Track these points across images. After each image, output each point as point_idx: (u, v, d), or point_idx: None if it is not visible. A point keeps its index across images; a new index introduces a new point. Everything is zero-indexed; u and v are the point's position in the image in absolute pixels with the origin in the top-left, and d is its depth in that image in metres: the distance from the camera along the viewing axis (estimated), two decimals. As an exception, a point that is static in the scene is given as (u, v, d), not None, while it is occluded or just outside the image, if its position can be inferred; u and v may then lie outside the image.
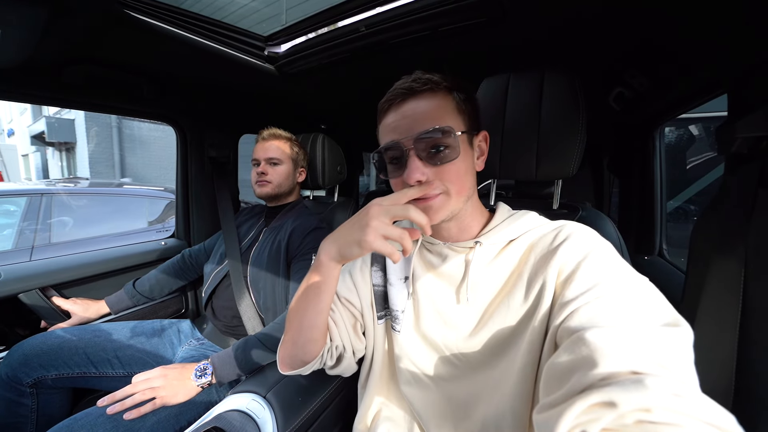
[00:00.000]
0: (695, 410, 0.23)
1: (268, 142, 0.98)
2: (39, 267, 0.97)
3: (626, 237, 0.58)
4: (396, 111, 0.45)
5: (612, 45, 0.73)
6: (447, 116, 0.44)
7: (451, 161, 0.43)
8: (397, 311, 0.54)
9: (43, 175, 10.11)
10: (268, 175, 0.96)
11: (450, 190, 0.44)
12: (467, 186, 0.46)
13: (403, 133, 0.43)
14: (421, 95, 0.44)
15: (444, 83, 0.44)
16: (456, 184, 0.44)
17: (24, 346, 0.77)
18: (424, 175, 0.42)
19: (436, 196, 0.44)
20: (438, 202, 0.44)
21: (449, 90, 0.45)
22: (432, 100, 0.44)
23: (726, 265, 0.49)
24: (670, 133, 2.84)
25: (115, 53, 0.80)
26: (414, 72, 0.46)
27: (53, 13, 0.58)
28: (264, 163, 0.96)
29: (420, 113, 0.43)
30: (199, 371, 0.68)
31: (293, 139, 1.03)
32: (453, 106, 0.44)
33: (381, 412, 0.57)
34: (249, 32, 0.88)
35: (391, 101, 0.45)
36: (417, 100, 0.44)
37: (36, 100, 0.91)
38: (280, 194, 0.99)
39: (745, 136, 0.49)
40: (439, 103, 0.44)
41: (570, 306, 0.35)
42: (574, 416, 0.26)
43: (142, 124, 8.19)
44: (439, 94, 0.44)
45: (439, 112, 0.43)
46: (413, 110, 0.43)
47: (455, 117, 0.44)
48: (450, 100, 0.44)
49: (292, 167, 1.01)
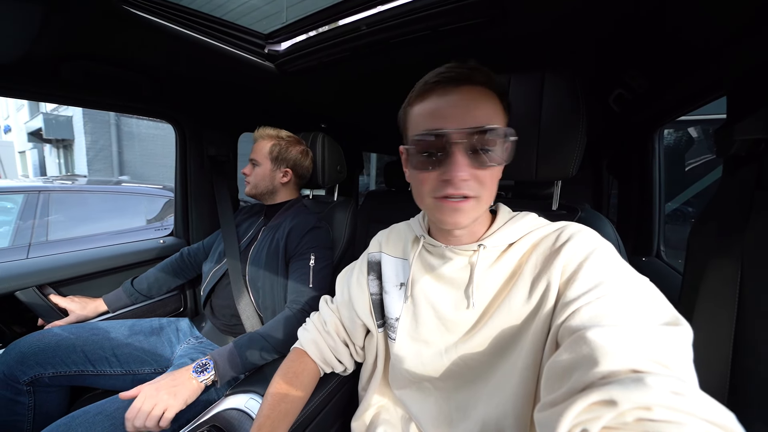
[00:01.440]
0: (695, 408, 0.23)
1: (256, 142, 1.00)
2: (36, 264, 0.97)
3: (624, 238, 0.58)
4: (444, 96, 0.39)
5: (612, 47, 0.73)
6: (501, 118, 0.40)
7: (495, 166, 0.39)
8: (391, 319, 0.54)
9: (41, 172, 10.05)
10: (249, 175, 0.98)
11: (483, 196, 0.40)
12: (495, 194, 0.43)
13: (454, 123, 0.38)
14: (478, 86, 0.39)
15: (500, 84, 0.40)
16: (490, 190, 0.41)
17: (21, 344, 0.76)
18: (469, 174, 0.38)
19: (470, 199, 0.40)
20: (469, 205, 0.40)
21: (501, 92, 0.41)
22: (487, 95, 0.39)
23: (723, 267, 0.50)
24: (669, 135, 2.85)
25: (114, 50, 0.79)
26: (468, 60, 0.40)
27: (50, 8, 0.58)
28: (250, 164, 0.99)
29: (476, 107, 0.38)
30: (198, 367, 0.67)
31: (279, 136, 0.98)
32: (500, 107, 0.41)
33: (380, 415, 0.57)
34: (249, 30, 0.88)
35: (439, 82, 0.39)
36: (472, 90, 0.38)
37: (33, 97, 0.90)
38: (257, 194, 1.00)
39: (744, 139, 0.49)
40: (494, 100, 0.40)
41: (572, 305, 0.35)
42: (574, 414, 0.26)
43: (140, 121, 8.14)
44: (493, 92, 0.40)
45: (496, 111, 0.39)
46: (469, 100, 0.38)
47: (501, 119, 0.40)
48: (497, 100, 0.40)
49: (271, 167, 0.96)
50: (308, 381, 0.59)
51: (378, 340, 0.58)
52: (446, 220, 0.41)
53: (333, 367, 0.62)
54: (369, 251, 0.62)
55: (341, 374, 0.65)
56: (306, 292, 0.82)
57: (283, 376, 0.57)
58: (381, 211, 1.37)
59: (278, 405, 0.53)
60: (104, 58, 0.82)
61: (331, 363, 0.61)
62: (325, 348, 0.61)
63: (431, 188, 0.41)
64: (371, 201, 1.47)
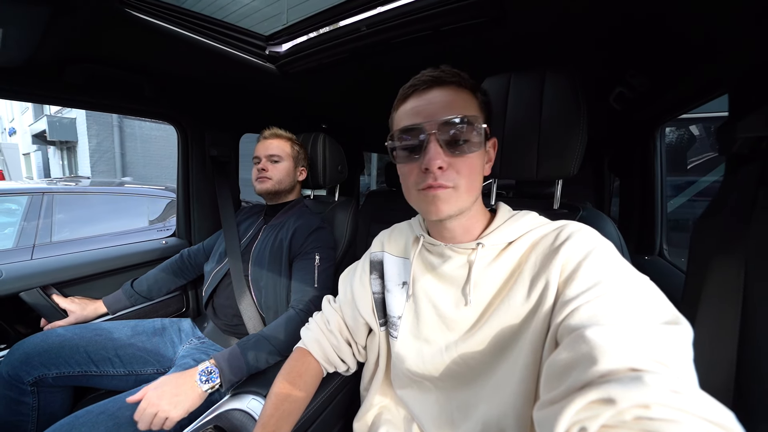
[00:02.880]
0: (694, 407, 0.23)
1: (269, 140, 0.99)
2: (40, 266, 0.98)
3: (627, 237, 0.58)
4: (420, 97, 0.44)
5: (613, 45, 0.73)
6: (473, 110, 0.44)
7: (471, 153, 0.43)
8: (393, 318, 0.54)
9: (45, 174, 10.13)
10: (269, 171, 0.96)
11: (460, 185, 0.43)
12: (476, 185, 0.45)
13: (427, 117, 0.42)
14: (448, 86, 0.44)
15: (469, 81, 0.45)
16: (468, 179, 0.43)
17: (25, 345, 0.77)
18: (444, 163, 0.41)
19: (448, 187, 0.43)
20: (447, 194, 0.43)
21: (474, 89, 0.45)
22: (458, 92, 0.44)
23: (726, 265, 0.49)
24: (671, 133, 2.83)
25: (117, 52, 0.80)
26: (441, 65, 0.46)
27: (54, 12, 0.58)
28: (264, 160, 0.97)
29: (447, 101, 0.43)
30: (204, 374, 0.64)
31: (294, 139, 1.04)
32: (477, 103, 0.45)
33: (381, 415, 0.57)
34: (250, 32, 0.88)
35: (416, 87, 0.45)
36: (444, 89, 0.43)
37: (37, 99, 0.91)
38: (280, 191, 0.99)
39: (746, 137, 0.49)
40: (465, 96, 0.44)
41: (571, 304, 0.35)
42: (573, 413, 0.26)
43: (143, 123, 8.20)
44: (465, 89, 0.45)
45: (466, 105, 0.44)
46: (440, 98, 0.43)
47: (479, 113, 0.45)
48: (474, 97, 0.45)
49: (293, 165, 1.01)
50: (311, 381, 0.59)
51: (380, 339, 0.58)
52: (429, 209, 0.44)
53: (336, 366, 0.62)
54: (371, 251, 0.63)
55: (344, 374, 0.65)
56: (310, 291, 0.82)
57: (286, 376, 0.57)
58: (382, 210, 1.38)
59: (281, 405, 0.53)
60: (107, 61, 0.83)
61: (334, 362, 0.61)
62: (328, 347, 0.61)
63: (414, 180, 0.45)
64: (372, 201, 1.47)
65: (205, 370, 0.65)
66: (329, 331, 0.62)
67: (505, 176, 0.66)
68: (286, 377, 0.57)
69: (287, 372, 0.58)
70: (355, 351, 0.62)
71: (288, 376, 0.57)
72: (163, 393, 0.60)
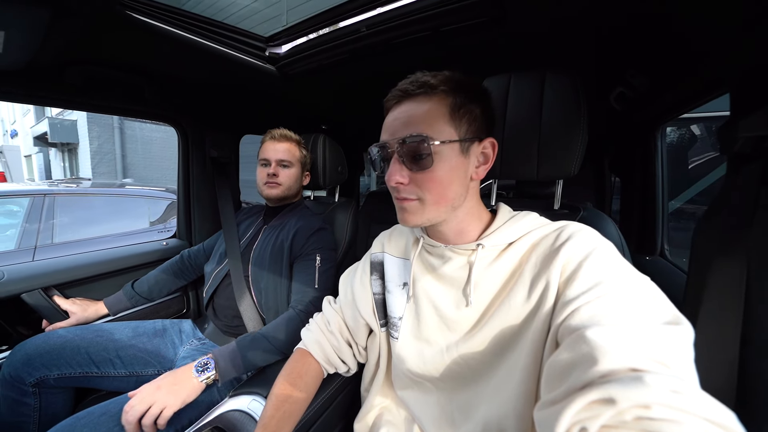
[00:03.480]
0: (694, 407, 0.23)
1: (280, 143, 0.97)
2: (41, 267, 0.98)
3: (628, 237, 0.58)
4: (392, 111, 0.45)
5: (613, 44, 0.72)
6: (436, 123, 0.42)
7: (426, 169, 0.42)
8: (394, 318, 0.54)
9: (46, 175, 10.17)
10: (279, 177, 0.95)
11: (425, 198, 0.44)
12: (449, 196, 0.44)
13: (390, 135, 0.44)
14: (415, 98, 0.43)
15: (442, 87, 0.42)
16: (432, 193, 0.43)
17: (26, 346, 0.77)
18: (404, 178, 0.43)
19: (412, 200, 0.44)
20: (412, 206, 0.45)
21: (447, 94, 0.43)
22: (424, 104, 0.43)
23: (728, 265, 0.49)
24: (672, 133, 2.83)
25: (117, 54, 0.80)
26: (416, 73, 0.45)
27: (55, 14, 0.58)
28: (275, 165, 0.95)
29: (408, 117, 0.43)
30: (199, 366, 0.66)
31: (301, 142, 1.03)
32: (446, 111, 0.42)
33: (382, 416, 0.57)
34: (250, 33, 0.88)
35: (389, 101, 0.46)
36: (411, 103, 0.43)
37: (38, 101, 0.92)
38: (288, 197, 0.99)
39: (748, 136, 0.49)
40: (431, 107, 0.42)
41: (571, 305, 0.35)
42: (573, 413, 0.26)
43: (143, 124, 8.22)
44: (435, 98, 0.43)
45: (427, 118, 0.42)
46: (405, 113, 0.43)
47: (445, 124, 0.42)
48: (444, 105, 0.43)
49: (300, 170, 1.01)
50: (312, 382, 0.59)
51: (380, 339, 0.58)
52: (400, 218, 0.47)
53: (336, 367, 0.62)
54: (372, 251, 0.63)
55: (344, 375, 0.65)
56: (311, 292, 0.82)
57: (287, 377, 0.57)
58: (382, 211, 1.37)
59: (282, 406, 0.53)
60: (107, 62, 0.83)
61: (335, 363, 0.61)
62: (329, 348, 0.61)
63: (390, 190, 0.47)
64: (372, 202, 1.47)
65: (200, 362, 0.67)
66: (330, 332, 0.62)
67: (506, 177, 0.66)
68: (287, 378, 0.57)
69: (288, 373, 0.58)
70: (355, 352, 0.62)
71: (289, 377, 0.57)
72: (161, 384, 0.62)
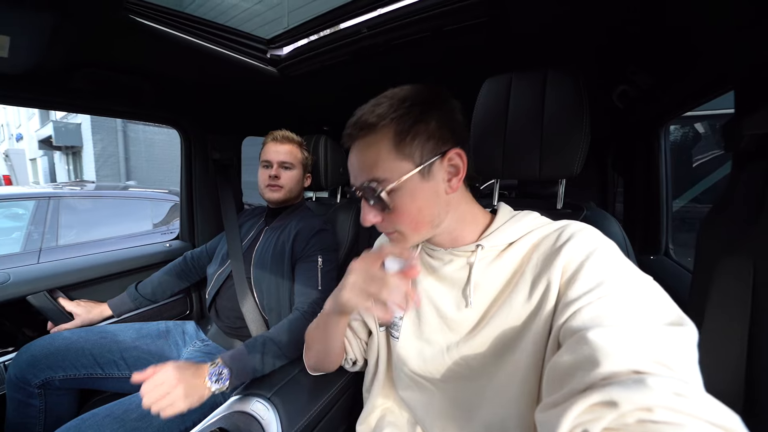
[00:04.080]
0: (698, 410, 0.23)
1: (281, 144, 0.96)
2: (46, 269, 0.99)
3: (631, 237, 0.58)
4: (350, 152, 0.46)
5: (616, 42, 0.72)
6: (383, 163, 0.41)
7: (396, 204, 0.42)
8: (395, 318, 0.54)
9: (51, 178, 10.27)
10: (281, 179, 0.95)
11: (402, 230, 0.45)
12: (424, 221, 0.44)
13: (353, 180, 0.46)
14: (359, 140, 0.43)
15: (381, 122, 0.40)
16: (405, 225, 0.44)
17: (32, 348, 0.78)
18: (376, 218, 0.44)
19: (393, 233, 0.46)
20: (394, 237, 0.46)
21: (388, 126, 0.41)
22: (369, 145, 0.42)
23: (734, 265, 0.49)
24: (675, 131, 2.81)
25: (121, 58, 0.81)
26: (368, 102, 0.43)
27: (60, 19, 0.59)
28: (277, 166, 0.95)
29: (358, 162, 0.43)
30: (214, 375, 0.63)
31: (303, 143, 1.03)
32: (391, 147, 0.41)
33: (385, 417, 0.57)
34: (251, 35, 0.89)
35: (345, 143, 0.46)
36: (358, 144, 0.43)
37: (44, 105, 0.93)
38: (289, 199, 0.99)
39: (753, 134, 0.48)
40: (374, 148, 0.41)
41: (573, 306, 0.35)
42: (575, 415, 0.26)
43: (146, 127, 8.29)
44: (378, 134, 0.41)
45: (375, 160, 0.41)
46: (354, 158, 0.44)
47: (394, 160, 0.41)
48: (388, 139, 0.41)
49: (302, 172, 1.01)
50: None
51: (379, 340, 0.58)
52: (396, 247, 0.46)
53: (345, 352, 0.61)
54: (372, 251, 0.62)
55: (350, 370, 0.64)
56: (314, 294, 0.82)
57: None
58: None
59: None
60: (111, 66, 0.84)
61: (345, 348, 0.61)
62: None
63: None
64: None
65: (216, 371, 0.64)
66: None
67: (508, 176, 0.66)
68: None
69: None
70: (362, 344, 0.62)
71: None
72: (182, 378, 0.59)
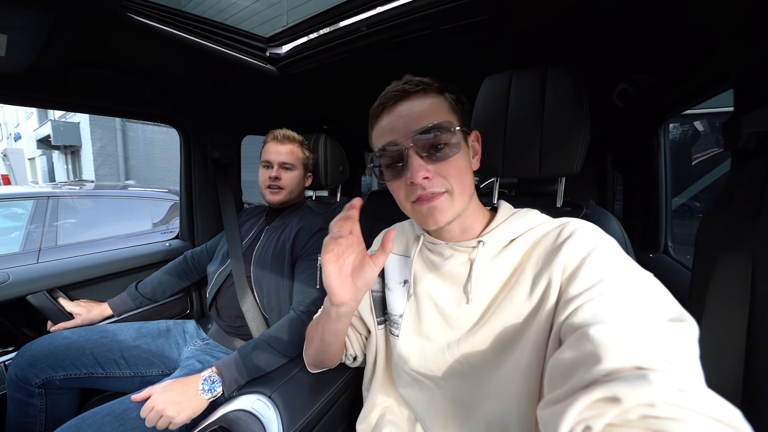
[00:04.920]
0: (700, 405, 0.23)
1: (282, 144, 0.95)
2: (46, 269, 0.99)
3: (631, 234, 0.58)
4: (390, 113, 0.45)
5: (616, 40, 0.72)
6: (443, 113, 0.44)
7: (453, 156, 0.43)
8: (395, 316, 0.54)
9: (49, 178, 10.24)
10: (282, 180, 0.93)
11: (453, 188, 0.43)
12: (468, 184, 0.46)
13: (401, 133, 0.43)
14: (414, 96, 0.44)
15: (435, 84, 0.45)
16: (459, 181, 0.44)
17: (32, 347, 0.78)
18: (429, 173, 0.42)
19: (441, 194, 0.43)
20: (442, 202, 0.43)
21: (440, 91, 0.45)
22: (425, 99, 0.44)
23: (733, 262, 0.49)
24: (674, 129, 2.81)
25: (119, 56, 0.81)
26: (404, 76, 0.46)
27: (57, 17, 0.59)
28: (277, 167, 0.94)
29: (416, 112, 0.43)
30: (207, 383, 0.65)
31: (305, 142, 1.01)
32: (447, 104, 0.45)
33: (385, 416, 0.57)
34: (250, 34, 0.88)
35: (384, 104, 0.45)
36: (411, 101, 0.44)
37: (42, 104, 0.92)
38: (290, 200, 0.98)
39: (752, 132, 0.48)
40: (433, 101, 0.44)
41: (574, 302, 0.35)
42: (577, 411, 0.26)
43: (145, 126, 8.26)
44: (431, 94, 0.45)
45: (435, 110, 0.44)
46: (408, 110, 0.43)
47: (451, 114, 0.45)
48: (443, 99, 0.45)
49: (303, 172, 1.00)
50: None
51: (377, 338, 0.58)
52: (427, 221, 0.45)
53: (345, 348, 0.61)
54: (371, 249, 0.63)
55: (350, 366, 0.64)
56: (313, 293, 0.83)
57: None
58: (383, 210, 1.38)
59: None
60: (109, 65, 0.84)
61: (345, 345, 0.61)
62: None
63: (405, 194, 0.45)
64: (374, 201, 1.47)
65: (208, 379, 0.65)
66: None
67: (508, 175, 0.66)
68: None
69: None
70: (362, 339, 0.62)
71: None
72: (168, 399, 0.61)
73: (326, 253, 0.42)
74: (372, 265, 0.43)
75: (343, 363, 0.63)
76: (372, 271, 0.44)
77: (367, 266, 0.43)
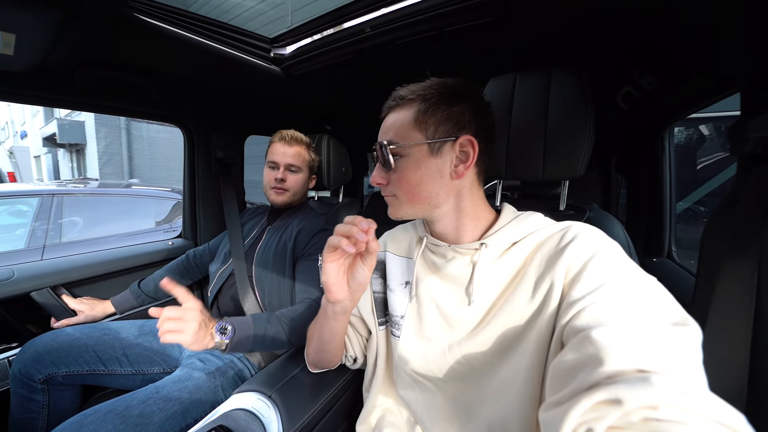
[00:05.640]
0: (702, 408, 0.23)
1: (290, 146, 0.95)
2: (50, 266, 1.00)
3: (634, 238, 0.57)
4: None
5: (621, 43, 0.72)
6: (401, 129, 0.46)
7: (401, 168, 0.47)
8: (396, 317, 0.54)
9: (54, 176, 10.35)
10: (287, 182, 0.94)
11: (398, 195, 0.48)
12: (421, 195, 0.47)
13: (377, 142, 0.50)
14: (392, 110, 0.49)
15: (410, 96, 0.47)
16: (402, 191, 0.47)
17: (36, 344, 0.78)
18: (382, 179, 0.49)
19: (389, 196, 0.50)
20: (390, 201, 0.50)
21: (414, 102, 0.47)
22: (397, 114, 0.48)
23: (738, 267, 0.48)
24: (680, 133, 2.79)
25: (126, 56, 0.82)
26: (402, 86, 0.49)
27: (65, 17, 0.59)
28: (284, 169, 0.94)
29: (387, 126, 0.48)
30: (220, 328, 0.67)
31: (311, 144, 1.01)
32: (411, 118, 0.46)
33: (384, 417, 0.57)
34: (255, 34, 0.89)
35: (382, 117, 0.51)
36: (391, 114, 0.49)
37: (48, 103, 0.93)
38: (294, 201, 0.99)
39: (759, 136, 0.48)
40: (399, 117, 0.47)
41: (576, 305, 0.35)
42: (579, 414, 0.26)
43: (150, 125, 8.33)
44: (405, 107, 0.47)
45: (396, 126, 0.47)
46: (384, 123, 0.49)
47: (410, 130, 0.46)
48: (411, 112, 0.46)
49: (308, 174, 1.00)
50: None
51: (378, 339, 0.58)
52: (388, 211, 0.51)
53: (345, 349, 0.61)
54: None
55: (350, 367, 0.64)
56: (314, 292, 0.83)
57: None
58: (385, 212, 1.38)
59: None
60: (116, 65, 0.84)
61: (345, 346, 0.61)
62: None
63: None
64: (376, 202, 1.47)
65: (222, 326, 0.68)
66: None
67: (511, 177, 0.65)
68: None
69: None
70: (362, 341, 0.62)
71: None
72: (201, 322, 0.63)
73: (329, 251, 0.44)
74: (362, 266, 0.45)
75: (343, 364, 0.63)
76: (362, 271, 0.46)
77: (358, 267, 0.46)
